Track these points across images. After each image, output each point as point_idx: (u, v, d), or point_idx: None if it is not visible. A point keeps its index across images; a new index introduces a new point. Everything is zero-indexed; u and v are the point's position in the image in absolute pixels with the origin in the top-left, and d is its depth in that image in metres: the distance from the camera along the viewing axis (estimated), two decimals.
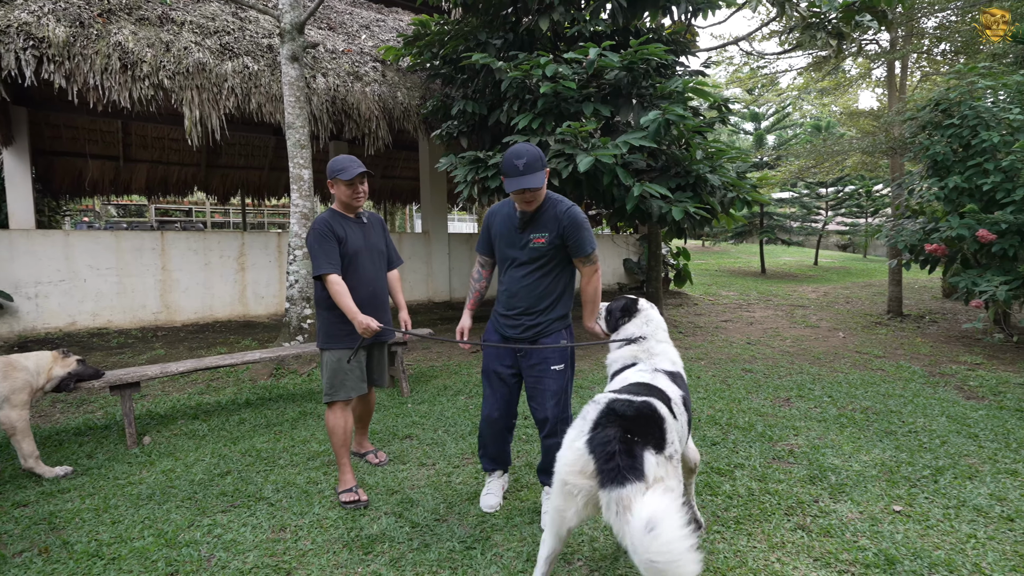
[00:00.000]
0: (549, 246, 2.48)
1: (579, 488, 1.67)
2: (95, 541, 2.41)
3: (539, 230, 2.48)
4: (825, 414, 4.07)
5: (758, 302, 10.48)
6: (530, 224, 2.49)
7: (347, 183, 2.79)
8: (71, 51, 4.88)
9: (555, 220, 2.47)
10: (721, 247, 20.89)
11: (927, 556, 2.28)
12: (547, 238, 2.47)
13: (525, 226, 2.50)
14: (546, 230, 2.48)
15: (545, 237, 2.47)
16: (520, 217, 2.51)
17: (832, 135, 11.16)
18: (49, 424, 3.96)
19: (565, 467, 1.71)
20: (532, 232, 2.49)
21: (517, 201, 2.45)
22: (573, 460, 1.69)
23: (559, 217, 2.47)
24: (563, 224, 2.45)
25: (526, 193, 2.38)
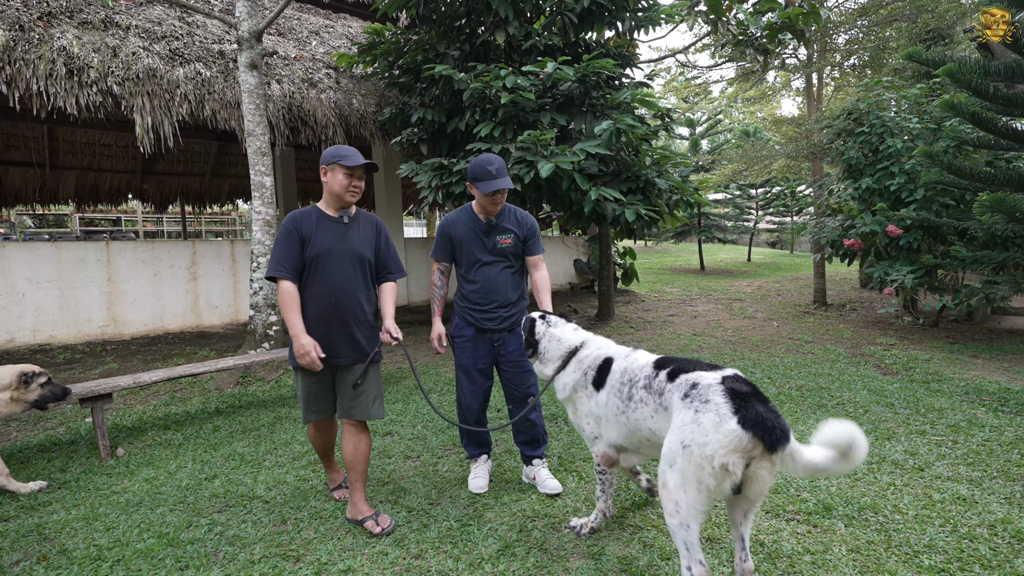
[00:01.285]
0: (514, 247, 2.87)
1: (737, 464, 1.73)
2: (94, 547, 2.44)
3: (503, 233, 2.86)
4: (766, 393, 4.53)
5: (700, 297, 11.16)
6: (495, 229, 2.85)
7: (347, 170, 2.49)
8: (11, 56, 4.69)
9: (516, 224, 2.89)
10: (663, 246, 21.91)
11: (856, 502, 2.69)
12: (512, 239, 2.86)
13: (491, 231, 2.84)
14: (510, 233, 2.86)
15: (511, 238, 2.86)
16: (486, 223, 2.84)
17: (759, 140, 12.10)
18: (8, 443, 3.81)
19: (722, 450, 1.72)
20: (498, 235, 2.86)
21: (487, 204, 2.77)
22: (729, 442, 1.72)
23: (520, 221, 2.90)
24: (525, 228, 2.89)
25: (498, 195, 2.74)
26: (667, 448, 1.87)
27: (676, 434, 1.85)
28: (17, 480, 3.07)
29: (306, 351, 2.38)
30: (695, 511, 1.80)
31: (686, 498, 1.79)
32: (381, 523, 2.53)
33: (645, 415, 2.09)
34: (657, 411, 2.04)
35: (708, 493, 1.78)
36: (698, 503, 1.79)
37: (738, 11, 6.36)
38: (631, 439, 2.22)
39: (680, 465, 1.79)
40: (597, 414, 2.37)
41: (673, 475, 1.82)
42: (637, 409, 2.13)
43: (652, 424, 2.07)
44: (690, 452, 1.77)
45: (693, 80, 10.84)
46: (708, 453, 1.74)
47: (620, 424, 2.23)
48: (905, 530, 2.44)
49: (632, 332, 7.52)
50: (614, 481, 2.52)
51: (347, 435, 2.58)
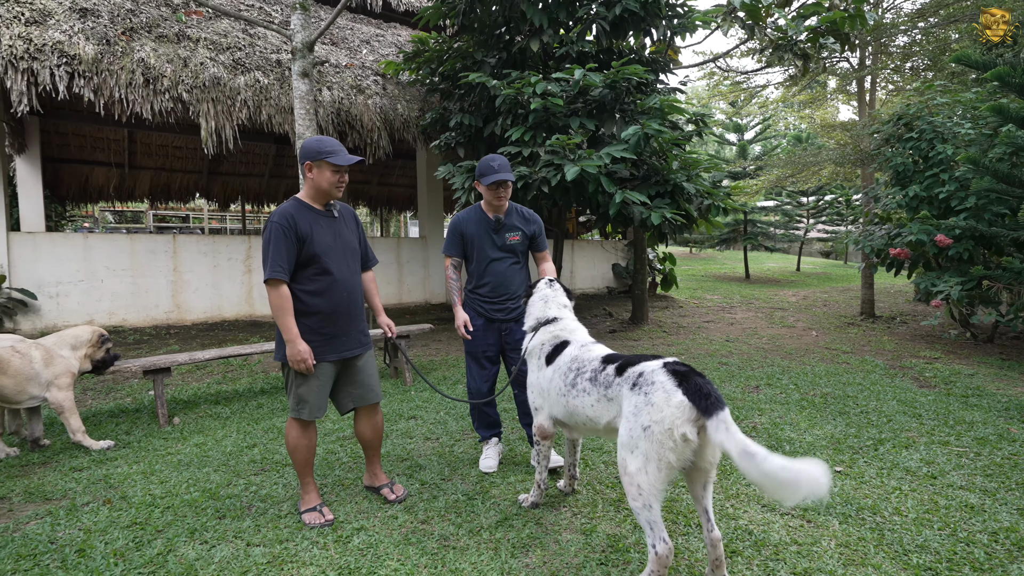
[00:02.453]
0: (522, 243, 3.11)
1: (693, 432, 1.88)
2: (149, 495, 2.80)
3: (512, 230, 3.09)
4: (788, 399, 4.52)
5: (740, 305, 10.97)
6: (504, 227, 3.08)
7: (335, 168, 2.46)
8: (99, 67, 5.28)
9: (524, 222, 3.12)
10: (707, 254, 21.48)
11: (857, 503, 2.72)
12: (520, 236, 3.09)
13: (499, 228, 3.07)
14: (518, 230, 3.09)
15: (519, 235, 3.09)
16: (495, 220, 3.06)
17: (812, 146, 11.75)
18: (85, 408, 4.32)
19: (678, 421, 1.87)
20: (507, 232, 3.08)
21: (491, 198, 2.99)
22: (681, 412, 1.88)
23: (527, 219, 3.13)
24: (532, 225, 3.12)
25: (500, 189, 2.95)
26: (625, 436, 2.01)
27: (633, 420, 2.00)
28: (91, 438, 3.51)
29: (303, 357, 2.39)
30: (655, 491, 1.94)
31: (647, 479, 1.93)
32: (396, 491, 2.73)
33: (586, 403, 2.29)
34: (600, 401, 2.22)
35: (668, 469, 1.92)
36: (658, 482, 1.93)
37: (779, 16, 6.31)
38: (570, 419, 2.43)
39: (643, 448, 1.94)
40: (542, 387, 2.56)
41: (634, 460, 1.96)
42: (578, 396, 2.32)
43: (591, 412, 2.27)
44: (651, 432, 1.92)
45: (739, 84, 10.68)
46: (667, 427, 1.89)
47: (560, 404, 2.43)
48: (900, 531, 2.46)
49: (664, 336, 7.54)
50: (549, 455, 2.66)
51: (364, 419, 2.72)
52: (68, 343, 3.49)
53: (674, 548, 1.97)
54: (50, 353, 3.31)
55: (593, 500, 2.76)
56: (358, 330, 2.65)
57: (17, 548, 2.32)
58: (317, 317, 2.50)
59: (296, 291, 2.47)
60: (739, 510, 2.65)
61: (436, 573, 2.14)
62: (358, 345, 2.65)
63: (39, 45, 5.02)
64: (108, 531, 2.45)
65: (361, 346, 2.66)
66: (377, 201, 15.71)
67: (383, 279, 8.69)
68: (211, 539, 2.38)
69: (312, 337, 2.48)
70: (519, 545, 2.33)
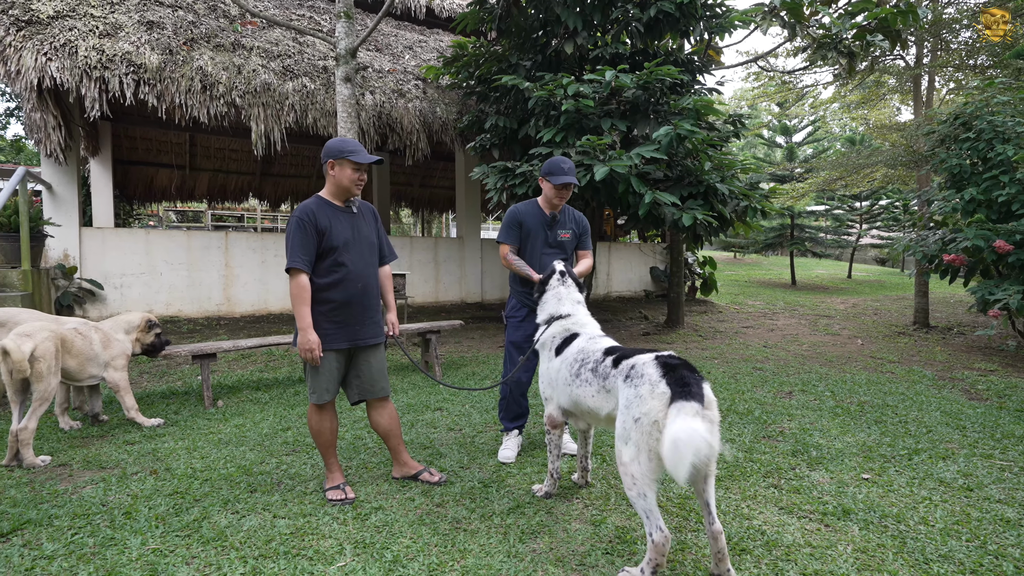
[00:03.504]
0: (571, 241, 3.26)
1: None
2: (191, 468, 3.02)
3: (564, 227, 3.25)
4: (822, 405, 4.39)
5: (783, 311, 10.63)
6: (557, 224, 3.23)
7: (355, 166, 2.61)
8: (162, 75, 5.70)
9: (575, 222, 3.28)
10: (753, 259, 20.86)
11: (881, 510, 2.64)
12: (571, 234, 3.25)
13: (553, 225, 3.22)
14: (569, 228, 3.24)
15: (570, 233, 3.25)
16: (551, 217, 3.21)
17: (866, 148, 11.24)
18: (139, 390, 4.67)
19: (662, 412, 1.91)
20: (560, 229, 3.23)
21: (555, 197, 3.13)
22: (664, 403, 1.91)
23: (577, 220, 3.30)
24: (580, 226, 3.29)
25: (565, 191, 3.12)
26: (620, 427, 2.07)
27: (625, 413, 2.05)
28: (143, 416, 3.79)
29: (311, 347, 2.53)
30: (649, 480, 1.97)
31: (640, 469, 1.97)
32: (434, 474, 2.85)
33: (587, 393, 2.35)
34: (599, 392, 2.28)
35: (660, 460, 1.94)
36: (650, 472, 1.96)
37: (824, 14, 6.13)
38: (576, 408, 2.50)
39: (634, 438, 1.98)
40: (551, 377, 2.63)
41: (628, 450, 2.00)
42: (581, 387, 2.38)
43: (592, 403, 2.33)
44: (640, 423, 1.96)
45: (785, 85, 10.35)
46: (653, 418, 1.93)
47: (566, 394, 2.50)
48: (924, 540, 2.38)
49: (699, 341, 7.42)
50: (560, 444, 2.71)
51: (378, 411, 2.83)
52: (122, 327, 3.79)
53: (671, 538, 1.99)
54: (107, 336, 3.62)
55: (606, 493, 2.79)
56: (372, 321, 2.76)
57: (74, 508, 2.56)
58: (331, 306, 2.63)
59: (314, 281, 2.60)
60: (755, 511, 2.63)
61: (445, 552, 2.23)
62: (370, 336, 2.75)
63: (110, 55, 5.47)
64: (152, 498, 2.66)
65: (373, 337, 2.76)
66: (419, 203, 16.08)
67: (421, 278, 8.91)
68: (242, 510, 2.56)
69: (326, 324, 2.62)
70: (528, 531, 2.39)
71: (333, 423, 2.76)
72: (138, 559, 2.14)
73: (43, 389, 3.06)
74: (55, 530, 2.36)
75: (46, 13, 5.47)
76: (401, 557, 2.16)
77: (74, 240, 6.47)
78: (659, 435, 1.93)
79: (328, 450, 2.76)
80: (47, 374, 3.07)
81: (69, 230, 6.44)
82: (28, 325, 3.16)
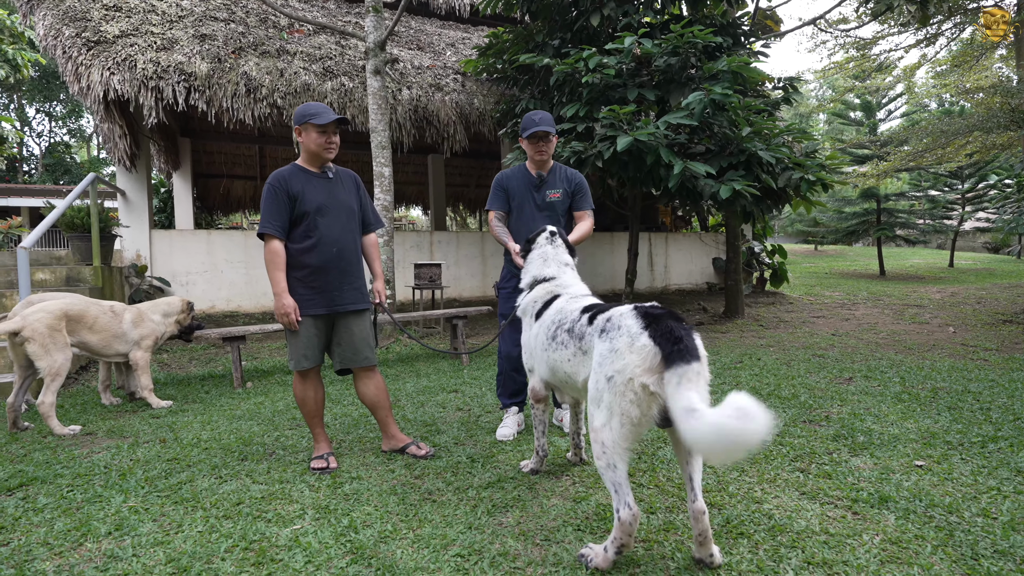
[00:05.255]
0: (562, 201, 3.04)
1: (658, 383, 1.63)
2: (197, 438, 3.11)
3: (553, 187, 3.05)
4: (885, 391, 3.84)
5: (865, 302, 9.62)
6: (545, 184, 3.03)
7: (319, 128, 2.55)
8: (210, 81, 6.08)
9: (566, 180, 3.06)
10: (836, 250, 19.16)
11: (928, 498, 2.21)
12: (561, 193, 3.04)
13: (541, 186, 3.03)
14: (559, 187, 3.04)
15: (560, 192, 3.04)
16: (537, 177, 3.03)
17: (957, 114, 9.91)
18: (184, 373, 4.95)
19: (638, 369, 1.65)
20: (548, 189, 3.04)
21: (532, 152, 2.97)
22: (643, 359, 1.65)
23: (569, 178, 3.07)
24: (573, 183, 3.05)
25: (540, 143, 2.91)
26: (592, 388, 1.82)
27: (598, 371, 1.79)
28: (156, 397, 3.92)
29: (286, 311, 2.51)
30: (619, 448, 1.72)
31: (610, 435, 1.72)
32: (422, 448, 2.77)
33: (563, 357, 2.09)
34: (576, 354, 2.01)
35: (633, 425, 1.69)
36: (621, 438, 1.71)
37: None
38: (553, 377, 2.24)
39: (607, 400, 1.73)
40: (531, 346, 2.38)
41: (600, 414, 1.76)
42: (557, 350, 2.12)
43: (568, 367, 2.06)
44: (614, 382, 1.71)
45: (864, 53, 9.36)
46: (627, 375, 1.67)
47: (543, 360, 2.25)
48: (979, 533, 1.95)
49: (757, 330, 6.83)
50: (546, 420, 2.49)
51: (364, 381, 2.77)
52: (161, 310, 4.01)
53: (640, 516, 1.74)
54: (142, 316, 3.84)
55: (595, 473, 2.54)
56: (352, 288, 2.70)
57: (80, 469, 2.69)
58: (307, 271, 2.61)
59: (288, 247, 2.60)
60: (769, 494, 2.28)
61: (405, 520, 2.10)
62: (350, 302, 2.69)
63: (164, 67, 5.91)
64: (151, 463, 2.75)
65: (353, 303, 2.70)
66: (476, 204, 16.21)
67: (468, 272, 8.91)
68: (225, 475, 2.57)
69: (302, 290, 2.60)
70: (501, 505, 2.21)
71: (318, 392, 2.73)
72: (114, 515, 2.19)
73: (46, 366, 3.26)
74: (54, 487, 2.48)
75: (112, 33, 6.01)
76: (356, 523, 2.06)
77: (145, 241, 7.04)
78: (634, 396, 1.69)
79: (313, 420, 2.73)
80: (43, 352, 3.25)
81: (141, 232, 7.01)
82: (33, 307, 3.37)
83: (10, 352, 3.30)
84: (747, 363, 4.83)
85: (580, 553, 1.80)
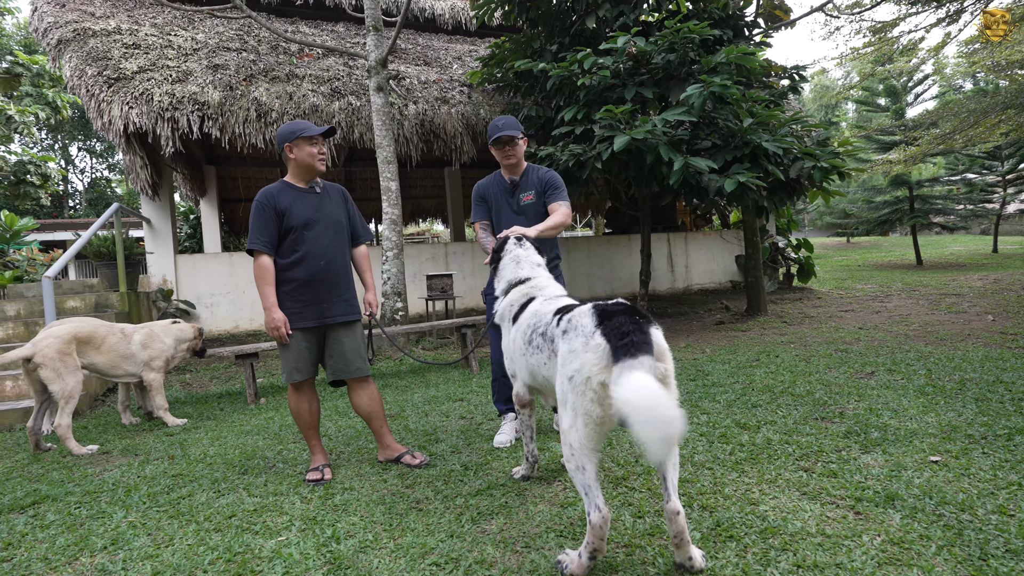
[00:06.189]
0: (536, 203, 3.01)
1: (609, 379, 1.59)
2: (204, 454, 3.18)
3: (526, 190, 3.03)
4: (908, 385, 3.64)
5: (899, 293, 9.21)
6: (518, 188, 3.03)
7: (309, 140, 2.61)
8: (223, 109, 6.30)
9: (537, 181, 3.02)
10: (870, 241, 18.46)
11: (939, 495, 2.08)
12: (534, 195, 3.02)
13: (515, 190, 3.03)
14: (532, 189, 3.02)
15: (532, 194, 3.02)
16: (510, 183, 3.04)
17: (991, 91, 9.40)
18: (203, 391, 5.09)
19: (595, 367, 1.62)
20: (521, 193, 3.03)
21: (500, 157, 2.98)
22: (599, 357, 1.62)
23: (541, 178, 3.03)
24: (543, 182, 3.00)
25: (506, 147, 2.91)
26: (558, 390, 1.79)
27: (561, 372, 1.76)
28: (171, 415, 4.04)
29: (276, 325, 2.55)
30: (587, 449, 1.67)
31: (577, 436, 1.68)
32: (416, 457, 2.75)
33: (540, 361, 2.05)
34: (551, 358, 1.97)
35: (596, 425, 1.64)
36: (587, 439, 1.66)
37: None
38: (534, 381, 2.21)
39: (570, 401, 1.70)
40: (511, 350, 2.34)
41: (566, 415, 1.73)
42: (534, 354, 2.09)
43: (545, 371, 2.02)
44: (574, 382, 1.67)
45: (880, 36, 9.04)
46: (585, 375, 1.63)
47: (523, 365, 2.21)
48: (991, 532, 1.82)
49: (780, 327, 6.61)
50: (533, 425, 2.44)
51: (357, 392, 2.78)
52: (174, 335, 4.14)
53: (610, 519, 1.70)
54: (152, 337, 3.97)
55: None
56: (342, 300, 2.73)
57: (90, 486, 2.78)
58: (294, 284, 2.66)
59: (277, 262, 2.65)
60: (766, 495, 2.19)
61: (388, 529, 2.09)
62: (339, 314, 2.72)
63: (179, 98, 6.16)
64: (156, 479, 2.82)
65: (342, 315, 2.73)
66: None
67: (484, 282, 8.91)
68: (224, 489, 2.62)
69: (291, 303, 2.64)
70: (486, 512, 2.18)
71: (312, 405, 2.76)
72: (113, 530, 2.25)
73: (59, 389, 3.39)
74: (63, 504, 2.57)
75: (131, 69, 6.31)
76: (340, 534, 2.06)
77: (170, 266, 7.31)
78: (593, 395, 1.65)
79: (309, 432, 2.76)
80: (55, 376, 3.38)
81: (165, 258, 7.28)
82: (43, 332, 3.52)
83: (25, 378, 3.45)
84: (763, 361, 4.67)
85: (557, 559, 1.76)
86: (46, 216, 21.56)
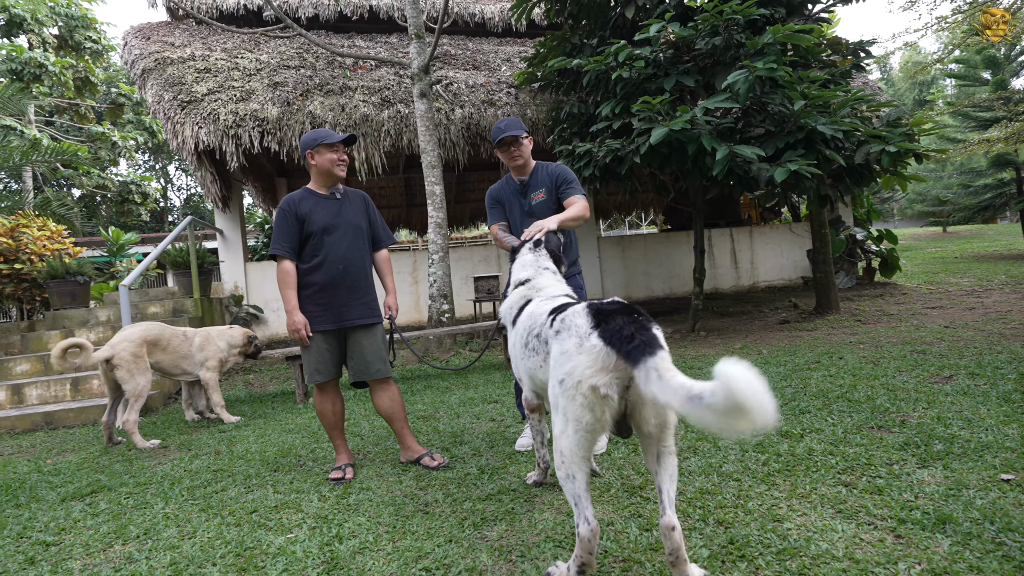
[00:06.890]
0: (547, 200, 2.92)
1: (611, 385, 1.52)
2: (246, 450, 3.36)
3: (537, 189, 2.96)
4: (991, 391, 3.22)
5: (1002, 287, 8.21)
6: (528, 187, 2.97)
7: (330, 147, 2.71)
8: (280, 124, 6.67)
9: (548, 178, 2.93)
10: (972, 229, 16.60)
11: (1005, 520, 1.80)
12: (544, 192, 2.94)
13: (526, 191, 2.98)
14: (543, 187, 2.94)
15: (543, 192, 2.94)
16: (519, 185, 2.98)
17: None
18: (262, 390, 5.40)
19: (588, 370, 1.53)
20: (532, 192, 2.96)
21: (506, 159, 2.93)
22: (593, 360, 1.53)
23: (551, 174, 2.94)
24: (554, 177, 2.92)
25: (511, 148, 2.85)
26: (551, 393, 1.70)
27: (552, 375, 1.67)
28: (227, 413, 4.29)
29: (297, 327, 2.65)
30: (577, 457, 1.57)
31: (567, 443, 1.58)
32: (436, 459, 2.77)
33: (536, 364, 1.95)
34: (546, 360, 1.85)
35: (587, 432, 1.55)
36: (578, 446, 1.57)
37: None
38: (534, 385, 2.12)
39: (561, 405, 1.60)
40: (513, 354, 2.25)
41: (558, 420, 1.63)
42: (531, 357, 1.99)
43: (542, 375, 1.91)
44: (565, 386, 1.58)
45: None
46: (576, 378, 1.54)
47: (524, 369, 2.11)
48: None
49: (851, 326, 6.07)
50: (544, 430, 2.34)
51: (378, 393, 2.85)
52: (226, 339, 4.42)
53: (599, 532, 1.58)
54: (208, 339, 4.25)
55: (609, 483, 2.38)
56: (361, 303, 2.80)
57: (142, 478, 3.01)
58: (314, 288, 2.74)
59: (299, 266, 2.75)
60: (795, 511, 1.99)
61: (391, 531, 2.09)
62: (358, 317, 2.78)
63: (242, 116, 6.59)
64: (199, 473, 3.01)
65: (361, 318, 2.79)
66: None
67: None
68: (253, 485, 2.74)
69: (311, 306, 2.73)
70: (490, 518, 2.14)
71: (336, 405, 2.84)
72: (150, 520, 2.42)
73: (131, 388, 3.71)
74: (116, 495, 2.79)
75: (201, 92, 6.83)
76: (343, 534, 2.09)
77: (240, 274, 7.83)
78: (584, 400, 1.57)
79: (333, 431, 2.84)
80: (129, 376, 3.70)
81: (236, 266, 7.81)
82: (118, 336, 3.85)
83: (102, 376, 3.80)
84: (824, 363, 4.30)
85: (547, 572, 1.68)
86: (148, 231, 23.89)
